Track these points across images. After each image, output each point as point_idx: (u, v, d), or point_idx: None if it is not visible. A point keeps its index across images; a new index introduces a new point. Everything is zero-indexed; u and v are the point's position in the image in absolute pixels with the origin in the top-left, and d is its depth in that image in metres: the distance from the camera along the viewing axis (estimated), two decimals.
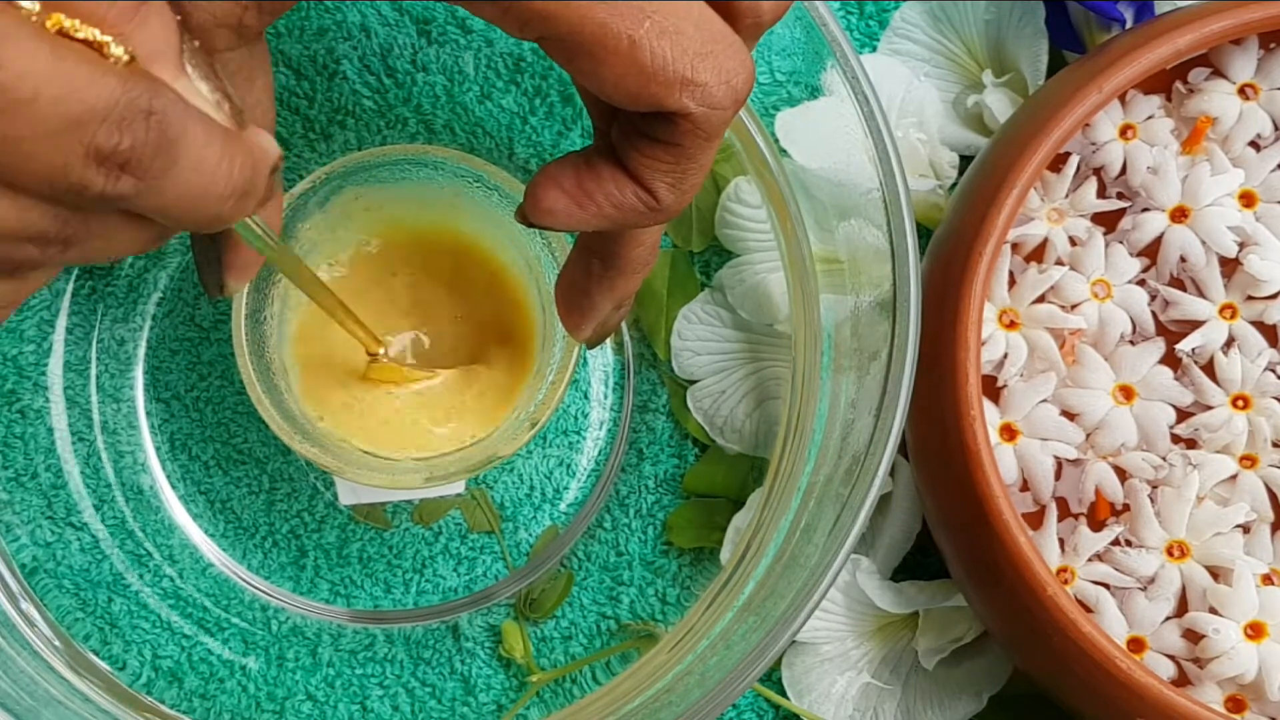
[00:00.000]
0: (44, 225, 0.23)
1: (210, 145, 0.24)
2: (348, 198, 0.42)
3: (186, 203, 0.24)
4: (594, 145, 0.31)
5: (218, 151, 0.24)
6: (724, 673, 0.37)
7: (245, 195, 0.25)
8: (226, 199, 0.24)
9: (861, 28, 0.46)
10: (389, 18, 0.45)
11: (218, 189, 0.24)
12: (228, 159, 0.24)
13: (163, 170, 0.23)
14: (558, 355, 0.41)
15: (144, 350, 0.44)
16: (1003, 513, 0.37)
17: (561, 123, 0.45)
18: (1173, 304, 0.40)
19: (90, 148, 0.22)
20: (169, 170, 0.23)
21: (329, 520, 0.45)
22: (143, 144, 0.22)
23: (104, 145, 0.22)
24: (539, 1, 0.26)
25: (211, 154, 0.24)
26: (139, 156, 0.22)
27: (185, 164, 0.23)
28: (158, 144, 0.23)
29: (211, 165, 0.24)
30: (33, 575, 0.43)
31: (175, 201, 0.24)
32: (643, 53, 0.27)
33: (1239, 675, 0.37)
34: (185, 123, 0.23)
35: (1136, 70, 0.38)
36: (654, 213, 0.30)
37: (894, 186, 0.38)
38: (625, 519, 0.45)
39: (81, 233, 0.24)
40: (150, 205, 0.23)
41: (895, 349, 0.37)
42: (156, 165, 0.23)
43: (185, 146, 0.23)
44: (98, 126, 0.22)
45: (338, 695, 0.44)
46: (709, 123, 0.28)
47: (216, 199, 0.24)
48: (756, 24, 0.29)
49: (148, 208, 0.24)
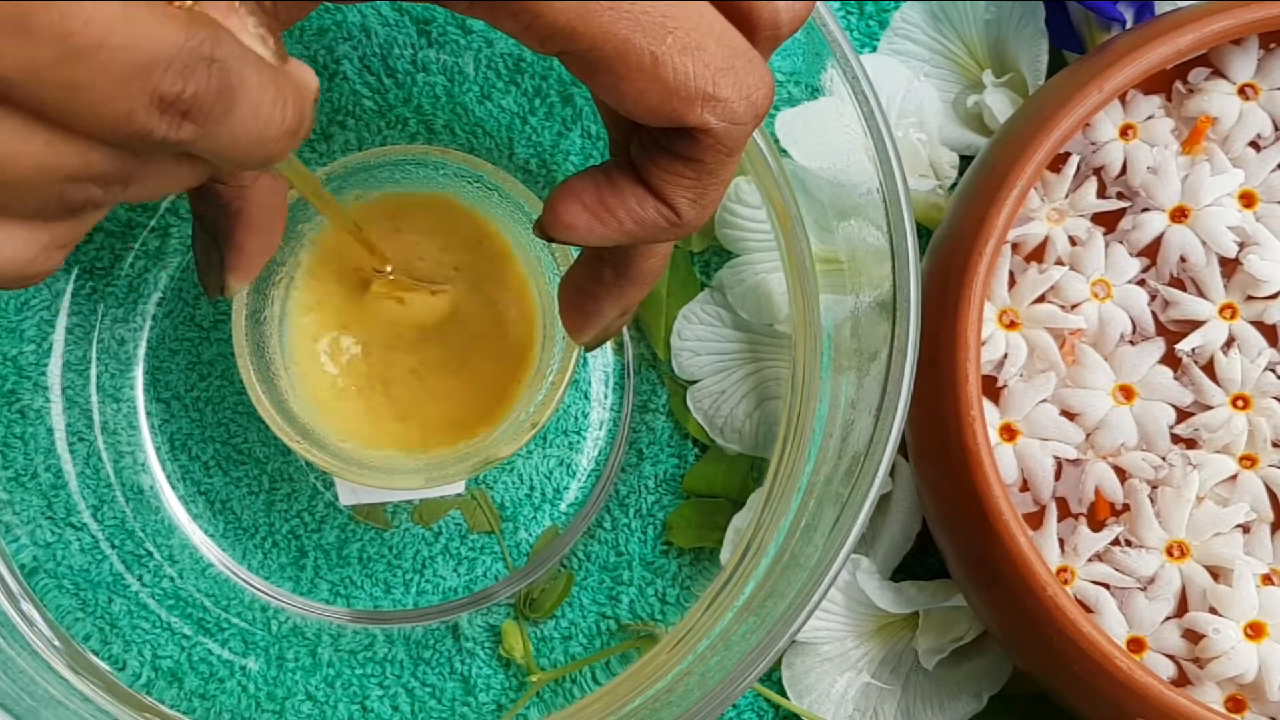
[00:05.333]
0: (106, 167, 0.23)
1: (265, 89, 0.24)
2: (348, 198, 0.42)
3: (243, 145, 0.24)
4: (613, 160, 0.31)
5: (272, 95, 0.24)
6: (724, 673, 0.37)
7: (295, 133, 0.25)
8: (280, 139, 0.25)
9: (861, 28, 0.46)
10: (389, 18, 0.45)
11: (273, 130, 0.24)
12: (280, 101, 0.24)
13: (223, 116, 0.23)
14: (558, 356, 0.41)
15: (144, 350, 0.45)
16: (1003, 513, 0.37)
17: (561, 123, 0.45)
18: (1173, 304, 0.40)
19: (154, 95, 0.22)
20: (228, 116, 0.23)
21: (329, 520, 0.45)
22: (205, 91, 0.23)
23: (168, 93, 0.22)
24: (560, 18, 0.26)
25: (267, 98, 0.24)
26: (201, 104, 0.23)
27: (244, 109, 0.23)
28: (219, 91, 0.23)
29: (267, 109, 0.24)
30: (33, 575, 0.43)
31: (232, 144, 0.24)
32: (665, 69, 0.27)
33: (1239, 675, 0.37)
34: (244, 69, 0.23)
35: (1136, 70, 0.38)
36: (675, 228, 0.30)
37: (894, 186, 0.38)
38: (625, 519, 0.45)
39: (141, 173, 0.24)
40: (209, 149, 0.24)
41: (895, 349, 0.37)
42: (217, 111, 0.23)
43: (244, 93, 0.23)
44: (162, 74, 0.22)
45: (338, 695, 0.44)
46: (730, 138, 0.28)
47: (271, 140, 0.24)
48: (775, 36, 0.29)
49: (206, 150, 0.24)
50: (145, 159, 0.24)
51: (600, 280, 0.34)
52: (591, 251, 0.34)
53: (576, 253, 0.38)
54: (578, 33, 0.26)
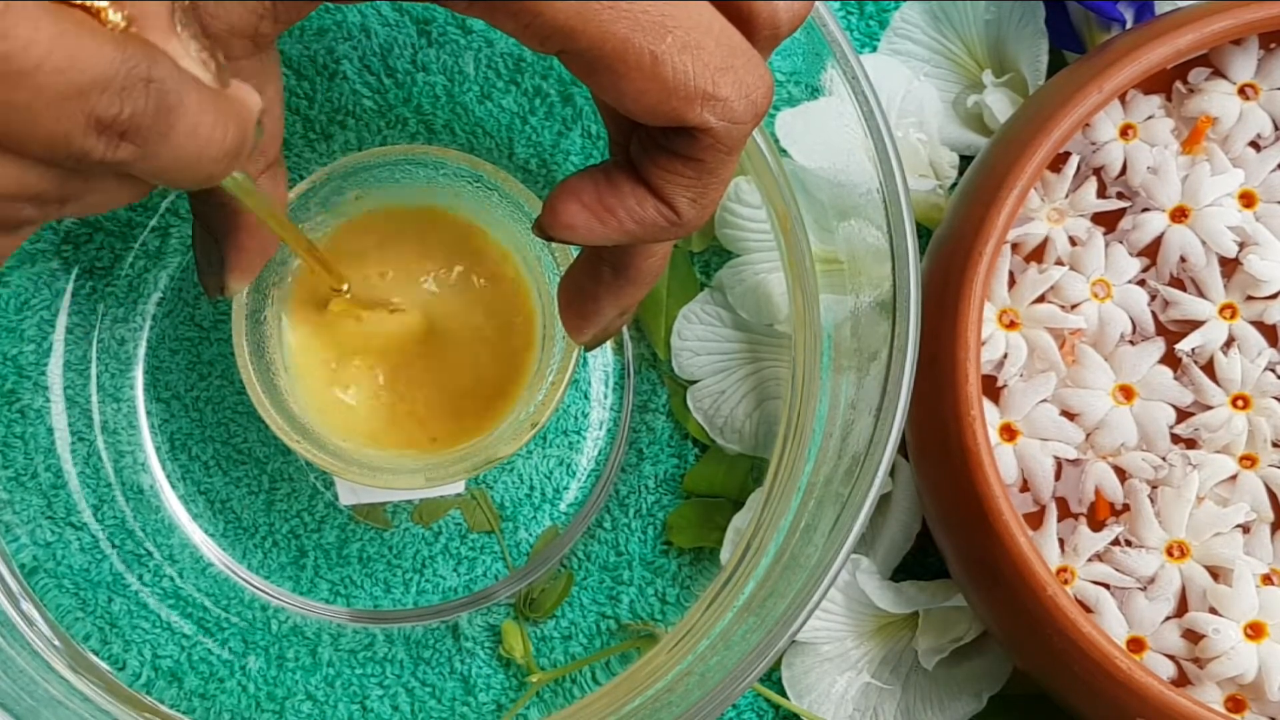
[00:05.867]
0: (42, 186, 0.24)
1: (204, 110, 0.24)
2: (348, 198, 0.42)
3: (181, 165, 0.24)
4: (612, 160, 0.31)
5: (211, 116, 0.24)
6: (724, 673, 0.37)
7: (236, 154, 0.25)
8: (219, 160, 0.25)
9: (861, 28, 0.46)
10: (389, 18, 0.45)
11: (211, 151, 0.24)
12: (221, 122, 0.24)
13: (161, 137, 0.23)
14: (558, 356, 0.41)
15: (144, 350, 0.45)
16: (1003, 513, 0.37)
17: (561, 123, 0.45)
18: (1173, 304, 0.40)
19: (91, 116, 0.22)
20: (166, 137, 0.23)
21: (329, 520, 0.45)
22: (142, 112, 0.23)
23: (105, 114, 0.22)
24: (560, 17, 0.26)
25: (206, 119, 0.24)
26: (138, 125, 0.23)
27: (181, 130, 0.24)
28: (156, 112, 0.23)
29: (206, 130, 0.24)
30: (33, 575, 0.43)
31: (172, 164, 0.24)
32: (664, 68, 0.27)
33: (1239, 675, 0.37)
34: (181, 90, 0.23)
35: (1136, 70, 0.38)
36: (675, 227, 0.30)
37: (894, 186, 0.38)
38: (625, 519, 0.45)
39: (78, 191, 0.24)
40: (148, 169, 0.24)
41: (895, 349, 0.37)
42: (155, 133, 0.23)
43: (182, 113, 0.23)
44: (99, 96, 0.22)
45: (338, 695, 0.44)
46: (730, 137, 0.28)
47: (210, 161, 0.25)
48: (774, 36, 0.29)
49: (146, 170, 0.24)
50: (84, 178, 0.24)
51: (600, 280, 0.34)
52: (591, 251, 0.34)
53: (576, 252, 0.38)
54: (577, 32, 0.26)
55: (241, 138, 0.25)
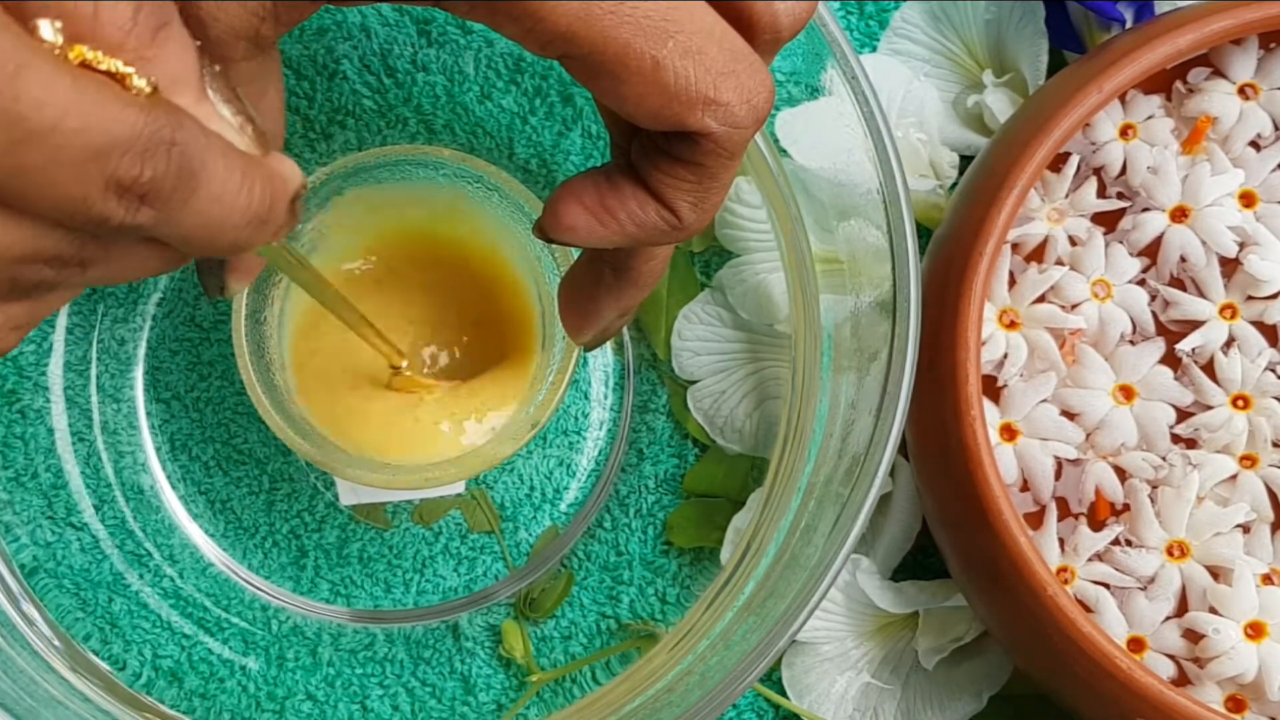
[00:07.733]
0: (61, 250, 0.23)
1: (230, 175, 0.23)
2: (348, 198, 0.42)
3: (205, 231, 0.24)
4: (614, 163, 0.31)
5: (238, 181, 0.24)
6: (724, 673, 0.37)
7: (264, 223, 0.25)
8: (244, 228, 0.24)
9: (861, 28, 0.46)
10: (389, 18, 0.45)
11: (235, 218, 0.24)
12: (247, 188, 0.24)
13: (183, 201, 0.23)
14: (558, 356, 0.41)
15: (144, 350, 0.45)
16: (1003, 513, 0.37)
17: (561, 123, 0.45)
18: (1173, 304, 0.40)
19: (110, 179, 0.22)
20: (188, 201, 0.23)
21: (329, 520, 0.45)
22: (163, 175, 0.22)
23: (124, 177, 0.22)
24: (562, 21, 0.26)
25: (231, 183, 0.24)
26: (159, 188, 0.22)
27: (205, 194, 0.23)
28: (178, 175, 0.22)
29: (231, 195, 0.24)
30: (33, 575, 0.43)
31: (194, 230, 0.23)
32: (666, 73, 0.27)
33: (1239, 675, 0.37)
34: (206, 154, 0.23)
35: (1136, 70, 0.38)
36: (676, 231, 0.30)
37: (894, 186, 0.38)
38: (625, 519, 0.45)
39: (100, 255, 0.24)
40: (170, 234, 0.23)
41: (895, 349, 0.37)
42: (176, 197, 0.23)
43: (206, 177, 0.23)
44: (119, 158, 0.22)
45: (338, 695, 0.44)
46: (731, 142, 0.28)
47: (234, 228, 0.24)
48: (775, 40, 0.29)
49: (166, 236, 0.23)
50: (105, 242, 0.24)
51: (600, 281, 0.34)
52: (592, 252, 0.34)
53: (577, 253, 0.38)
54: (579, 37, 0.26)
55: (271, 205, 0.24)
